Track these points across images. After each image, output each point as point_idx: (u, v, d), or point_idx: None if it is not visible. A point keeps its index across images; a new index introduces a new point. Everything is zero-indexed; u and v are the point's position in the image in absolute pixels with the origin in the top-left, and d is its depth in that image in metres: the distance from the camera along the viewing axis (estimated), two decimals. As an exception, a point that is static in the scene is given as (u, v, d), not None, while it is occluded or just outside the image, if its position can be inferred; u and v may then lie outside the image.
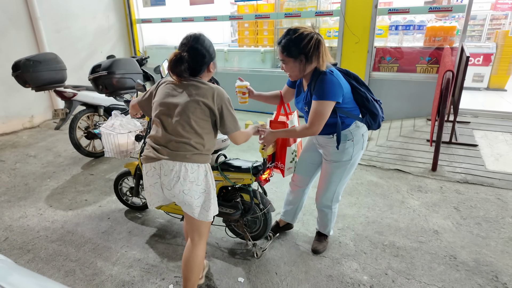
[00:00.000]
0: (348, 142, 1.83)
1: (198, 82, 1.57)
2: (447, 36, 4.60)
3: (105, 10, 6.08)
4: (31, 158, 3.92)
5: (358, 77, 1.83)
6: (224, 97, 1.58)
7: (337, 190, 2.01)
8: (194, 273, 1.67)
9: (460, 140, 3.92)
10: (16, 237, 2.43)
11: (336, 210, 2.13)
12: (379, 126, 1.91)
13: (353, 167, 1.94)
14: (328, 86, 1.62)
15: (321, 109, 1.64)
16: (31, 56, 3.33)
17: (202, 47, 1.56)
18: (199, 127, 1.54)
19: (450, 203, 2.80)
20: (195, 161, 1.54)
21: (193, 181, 1.55)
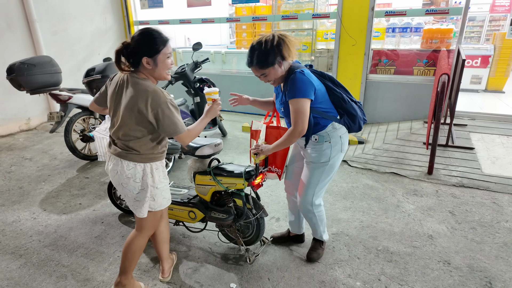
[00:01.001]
0: (325, 143, 1.83)
1: (138, 80, 1.55)
2: (444, 38, 4.59)
3: (102, 12, 6.08)
4: (26, 161, 3.91)
5: (334, 78, 1.86)
6: (160, 101, 1.52)
7: (316, 193, 1.95)
8: (125, 258, 1.80)
9: (456, 143, 3.91)
10: (9, 241, 2.42)
11: (321, 214, 2.07)
12: (360, 128, 1.91)
13: (331, 170, 1.90)
14: (299, 84, 1.67)
15: (299, 107, 1.67)
16: (25, 59, 3.33)
17: (139, 40, 1.53)
18: (135, 130, 1.58)
19: (446, 207, 2.79)
20: (131, 160, 1.62)
21: (130, 177, 1.64)
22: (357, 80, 4.85)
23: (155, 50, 1.54)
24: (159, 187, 1.71)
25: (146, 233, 1.81)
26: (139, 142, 1.61)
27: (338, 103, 1.81)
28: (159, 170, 1.72)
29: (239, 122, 5.29)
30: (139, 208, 1.71)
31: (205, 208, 2.20)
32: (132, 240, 1.79)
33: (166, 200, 1.80)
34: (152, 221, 1.80)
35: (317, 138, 1.83)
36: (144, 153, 1.63)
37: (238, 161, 3.82)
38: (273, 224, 2.56)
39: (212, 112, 1.79)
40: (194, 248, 2.31)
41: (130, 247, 1.79)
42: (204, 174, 2.14)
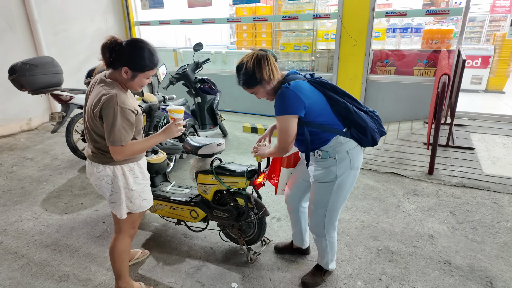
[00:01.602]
0: (330, 160, 1.65)
1: (103, 84, 1.52)
2: (444, 39, 4.61)
3: (103, 13, 6.09)
4: (28, 161, 3.92)
5: (336, 87, 1.68)
6: (110, 104, 1.45)
7: (328, 215, 1.75)
8: (114, 262, 1.80)
9: (457, 143, 3.92)
10: (11, 241, 2.43)
11: (333, 241, 1.87)
12: (374, 142, 1.68)
13: (341, 190, 1.69)
14: (284, 100, 1.56)
15: (282, 124, 1.58)
16: (27, 60, 3.34)
17: (132, 48, 1.50)
18: (96, 132, 1.56)
19: (446, 207, 2.80)
20: (99, 162, 1.62)
21: (102, 178, 1.63)
22: (357, 81, 4.86)
23: (140, 67, 1.52)
24: (135, 189, 1.68)
25: (125, 234, 1.79)
26: (102, 144, 1.58)
27: (343, 114, 1.63)
28: (134, 171, 1.67)
29: (240, 122, 5.30)
30: (116, 209, 1.69)
31: (207, 207, 2.21)
32: (114, 244, 1.78)
33: (147, 201, 1.76)
34: (130, 223, 1.77)
35: (320, 153, 1.66)
36: (110, 156, 1.58)
37: (239, 161, 3.82)
38: (274, 224, 2.57)
39: (168, 131, 1.64)
40: (195, 247, 2.32)
41: (114, 251, 1.78)
42: (206, 173, 2.16)
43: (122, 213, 1.69)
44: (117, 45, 1.48)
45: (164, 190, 2.47)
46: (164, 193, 2.41)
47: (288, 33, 5.81)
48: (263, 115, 5.80)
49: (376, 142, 1.69)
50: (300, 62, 5.65)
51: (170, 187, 2.54)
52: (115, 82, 1.54)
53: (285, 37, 5.77)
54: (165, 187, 2.53)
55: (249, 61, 1.59)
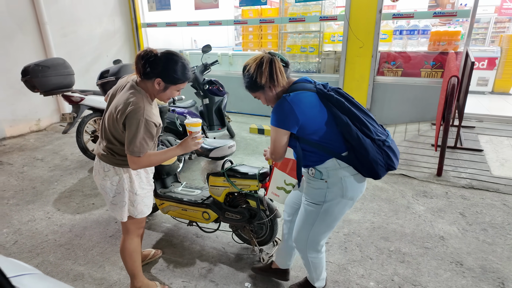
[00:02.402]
0: (320, 181, 1.50)
1: (133, 90, 1.55)
2: (451, 40, 4.61)
3: (111, 15, 6.15)
4: (38, 162, 3.96)
5: (343, 103, 1.44)
6: (136, 115, 1.47)
7: (310, 238, 1.63)
8: (126, 263, 1.83)
9: (465, 145, 3.92)
10: (25, 240, 2.46)
11: (316, 261, 1.72)
12: (375, 176, 1.45)
13: (327, 216, 1.54)
14: (278, 113, 1.44)
15: (274, 135, 1.48)
16: (40, 61, 3.38)
17: (169, 61, 1.53)
18: (114, 134, 1.59)
19: (456, 208, 2.80)
20: (108, 162, 1.63)
21: (107, 179, 1.65)
22: (364, 82, 4.87)
23: (173, 80, 1.55)
24: (139, 193, 1.70)
25: (133, 235, 1.81)
26: (116, 146, 1.60)
27: (346, 135, 1.43)
28: (140, 176, 1.70)
29: (246, 124, 5.33)
30: (117, 211, 1.70)
31: (218, 209, 2.23)
32: (124, 245, 1.80)
33: (147, 207, 1.78)
34: (137, 224, 1.80)
35: (313, 172, 1.52)
36: (120, 158, 1.62)
37: (246, 162, 3.85)
38: (285, 225, 2.59)
39: (185, 145, 1.64)
40: (207, 248, 2.34)
41: (125, 252, 1.80)
42: (217, 176, 2.18)
43: (123, 216, 1.70)
44: (152, 56, 1.51)
45: (175, 191, 2.50)
46: (176, 195, 2.43)
47: (294, 34, 5.84)
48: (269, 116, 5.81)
49: (378, 176, 1.45)
50: (306, 64, 5.67)
51: (181, 188, 2.57)
52: (143, 91, 1.56)
53: (292, 39, 5.79)
54: (176, 188, 2.56)
55: (252, 64, 1.48)
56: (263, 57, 1.47)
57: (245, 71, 1.52)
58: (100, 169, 1.66)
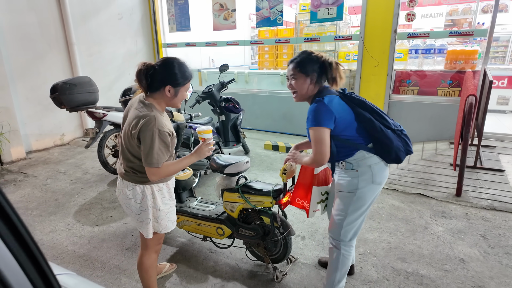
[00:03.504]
0: (352, 171, 1.71)
1: (142, 105, 1.59)
2: (468, 59, 4.58)
3: (134, 35, 6.48)
4: (61, 175, 4.12)
5: (365, 103, 1.71)
6: (149, 127, 1.51)
7: (345, 227, 1.77)
8: (142, 277, 1.86)
9: (485, 165, 3.82)
10: (46, 251, 2.55)
11: (346, 256, 1.82)
12: (398, 160, 1.68)
13: (360, 202, 1.72)
14: (317, 113, 1.61)
15: (316, 135, 1.61)
16: (67, 80, 3.59)
17: (167, 67, 1.59)
18: (132, 152, 1.63)
19: (477, 230, 2.71)
20: (130, 181, 1.67)
21: (131, 197, 1.68)
22: (380, 100, 4.87)
23: (181, 82, 1.62)
24: (162, 209, 1.72)
25: (151, 250, 1.84)
26: (136, 163, 1.64)
27: (369, 130, 1.66)
28: (162, 191, 1.73)
29: (261, 140, 5.39)
30: (143, 228, 1.73)
31: (232, 225, 2.25)
32: (141, 261, 1.83)
33: (172, 222, 1.80)
34: (156, 240, 1.83)
35: (344, 164, 1.73)
36: (141, 175, 1.65)
37: (261, 178, 3.87)
38: (299, 243, 2.57)
39: (199, 152, 1.70)
40: (221, 263, 2.35)
41: (142, 267, 1.83)
42: (232, 192, 2.21)
43: (148, 233, 1.73)
44: (151, 68, 1.56)
45: (190, 206, 2.54)
46: (191, 209, 2.48)
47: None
48: (284, 133, 5.87)
49: (400, 161, 1.70)
50: (321, 82, 5.73)
51: (196, 202, 2.61)
52: (152, 104, 1.60)
53: (307, 58, 5.89)
54: (191, 203, 2.60)
55: (324, 56, 1.68)
56: (335, 60, 1.70)
57: (311, 54, 1.69)
58: (123, 188, 1.70)
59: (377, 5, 4.61)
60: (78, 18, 5.40)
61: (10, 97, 4.48)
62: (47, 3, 4.98)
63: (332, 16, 4.93)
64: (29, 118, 4.93)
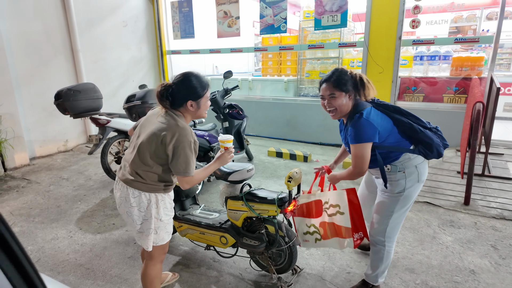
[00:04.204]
0: (399, 173, 1.79)
1: (173, 115, 1.64)
2: (474, 66, 4.54)
3: (138, 42, 6.52)
4: (64, 181, 4.11)
5: (399, 109, 1.80)
6: (185, 139, 1.58)
7: (390, 225, 1.87)
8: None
9: (493, 173, 3.75)
10: (48, 258, 2.51)
11: (390, 250, 1.93)
12: (439, 155, 1.80)
13: (407, 201, 1.82)
14: (360, 129, 1.68)
15: (358, 151, 1.70)
16: (72, 86, 3.60)
17: (185, 83, 1.65)
18: (150, 159, 1.62)
19: (487, 240, 2.64)
20: (136, 188, 1.65)
21: (135, 206, 1.66)
22: (384, 107, 4.83)
23: (199, 94, 1.66)
24: (163, 219, 1.71)
25: (156, 261, 1.81)
26: (147, 172, 1.63)
27: (409, 133, 1.76)
28: (165, 202, 1.72)
29: (264, 147, 5.35)
30: (143, 240, 1.71)
31: (236, 234, 2.20)
32: (146, 271, 1.81)
33: (168, 234, 1.78)
34: (160, 250, 1.80)
35: (389, 168, 1.79)
36: (148, 183, 1.65)
37: (265, 185, 3.83)
38: (304, 252, 2.52)
39: (222, 159, 1.77)
40: (224, 273, 2.30)
41: (146, 278, 1.81)
42: (236, 199, 2.17)
43: (149, 245, 1.71)
44: (170, 87, 1.63)
45: (194, 214, 2.50)
46: (194, 217, 2.43)
47: (313, 61, 5.94)
48: (288, 139, 5.83)
49: (442, 155, 1.82)
50: (325, 89, 5.71)
51: (199, 210, 2.57)
52: (182, 115, 1.67)
53: (310, 65, 5.90)
54: (194, 211, 2.56)
55: (355, 74, 1.76)
56: (364, 76, 1.79)
57: (346, 72, 1.77)
58: (126, 196, 1.66)
59: (382, 12, 4.61)
60: (84, 25, 5.45)
61: (15, 103, 4.50)
62: (53, 11, 5.04)
63: (336, 23, 4.93)
64: (33, 124, 4.95)
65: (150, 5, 6.64)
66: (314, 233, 2.12)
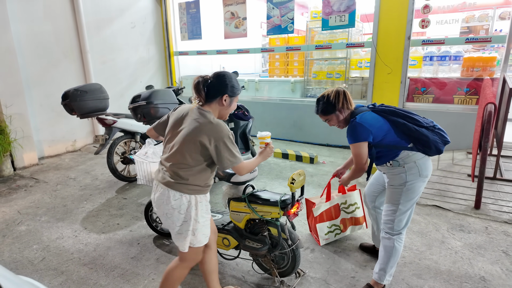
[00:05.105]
0: (399, 168, 1.95)
1: (204, 113, 1.67)
2: (486, 66, 4.43)
3: (146, 44, 6.57)
4: (71, 181, 4.15)
5: (394, 110, 1.97)
6: (223, 134, 1.62)
7: (398, 217, 1.97)
8: (165, 287, 1.81)
9: (506, 176, 3.64)
10: (52, 257, 2.53)
11: (398, 246, 1.99)
12: (439, 152, 1.92)
13: (410, 193, 1.93)
14: (353, 131, 1.92)
15: (355, 151, 1.93)
16: (79, 87, 3.63)
17: (223, 79, 1.70)
18: (191, 160, 1.64)
19: (498, 246, 2.55)
20: (177, 190, 1.65)
21: (175, 208, 1.66)
22: (393, 108, 4.75)
23: (236, 92, 1.74)
24: (201, 221, 1.71)
25: (187, 265, 1.80)
26: (190, 171, 1.64)
27: (406, 132, 1.91)
28: (202, 203, 1.73)
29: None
30: (181, 241, 1.70)
31: (239, 236, 2.18)
32: (173, 269, 1.79)
33: (205, 237, 1.77)
34: (194, 255, 1.78)
35: (391, 163, 1.96)
36: (192, 184, 1.66)
37: (270, 187, 3.80)
38: (308, 255, 2.48)
39: (265, 154, 1.89)
40: (227, 276, 2.28)
41: (170, 276, 1.79)
42: (239, 201, 2.14)
43: (185, 246, 1.71)
44: (208, 80, 1.69)
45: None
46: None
47: (320, 61, 5.89)
48: (294, 141, 5.79)
49: (441, 151, 1.93)
50: (332, 90, 5.65)
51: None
52: (211, 112, 1.69)
53: (318, 65, 5.84)
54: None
55: (331, 94, 2.01)
56: (338, 89, 2.03)
57: (324, 99, 2.03)
58: (167, 199, 1.66)
59: (390, 11, 4.53)
60: (93, 27, 5.51)
61: (24, 103, 4.57)
62: (62, 12, 5.11)
63: (344, 23, 4.88)
64: (42, 124, 5.02)
65: (158, 6, 6.69)
66: (335, 230, 2.62)
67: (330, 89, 2.06)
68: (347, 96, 2.02)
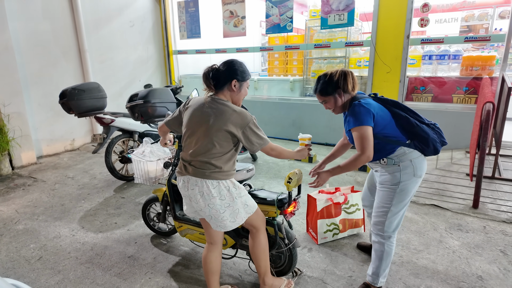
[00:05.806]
0: (394, 166, 1.84)
1: (223, 102, 1.70)
2: (485, 65, 4.42)
3: (145, 42, 6.55)
4: (69, 180, 4.14)
5: (398, 103, 1.88)
6: (247, 120, 1.67)
7: (389, 219, 1.89)
8: (260, 259, 1.88)
9: (504, 175, 3.63)
10: (49, 257, 2.52)
11: (389, 249, 1.94)
12: (436, 152, 1.84)
13: (403, 194, 1.84)
14: (357, 113, 1.76)
15: (361, 133, 1.74)
16: (76, 85, 3.62)
17: (231, 65, 1.73)
18: (220, 147, 1.68)
19: (496, 245, 2.55)
20: (214, 178, 1.69)
21: (216, 196, 1.69)
22: (391, 107, 4.74)
23: (245, 77, 1.75)
24: (243, 194, 1.78)
25: (262, 230, 1.89)
26: (221, 160, 1.69)
27: (406, 127, 1.82)
28: (235, 183, 1.79)
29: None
30: (231, 223, 1.74)
31: (236, 235, 2.17)
32: (257, 241, 1.87)
33: (253, 202, 1.85)
34: (260, 219, 1.87)
35: (385, 161, 1.85)
36: (226, 170, 1.70)
37: (268, 186, 3.79)
38: (306, 255, 2.47)
39: (301, 153, 1.95)
40: (224, 275, 2.27)
41: (259, 248, 1.87)
42: (236, 199, 2.14)
43: (242, 220, 1.76)
44: (215, 69, 1.72)
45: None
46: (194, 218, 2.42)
47: (319, 60, 5.88)
48: (293, 140, 5.78)
49: (438, 152, 1.85)
50: (331, 89, 5.63)
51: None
52: (228, 100, 1.73)
53: (317, 64, 5.83)
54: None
55: (335, 73, 1.85)
56: (344, 69, 1.86)
57: (326, 77, 1.86)
58: (205, 191, 1.68)
59: (389, 10, 4.52)
60: (91, 25, 5.50)
61: (23, 102, 4.56)
62: (61, 11, 5.10)
63: (343, 22, 4.86)
64: (40, 123, 5.01)
65: (157, 5, 6.67)
66: (334, 229, 2.60)
67: (335, 68, 1.90)
68: (354, 79, 1.85)
